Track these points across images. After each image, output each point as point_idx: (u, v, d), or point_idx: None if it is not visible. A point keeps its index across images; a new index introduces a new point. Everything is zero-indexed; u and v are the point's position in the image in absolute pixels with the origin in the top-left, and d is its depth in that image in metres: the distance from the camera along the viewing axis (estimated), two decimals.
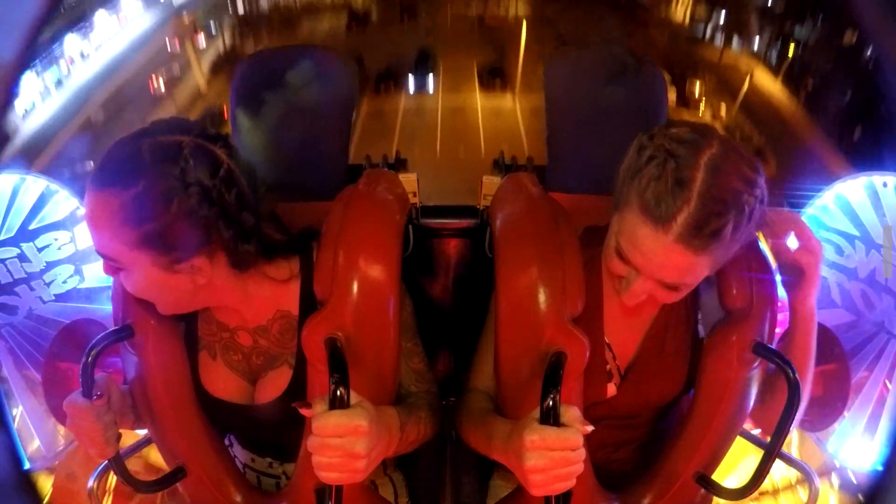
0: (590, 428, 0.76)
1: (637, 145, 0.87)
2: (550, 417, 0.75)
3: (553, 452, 0.74)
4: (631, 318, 1.02)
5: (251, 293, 0.94)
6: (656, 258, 0.83)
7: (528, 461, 0.74)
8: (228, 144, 0.86)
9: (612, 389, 1.02)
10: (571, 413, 0.76)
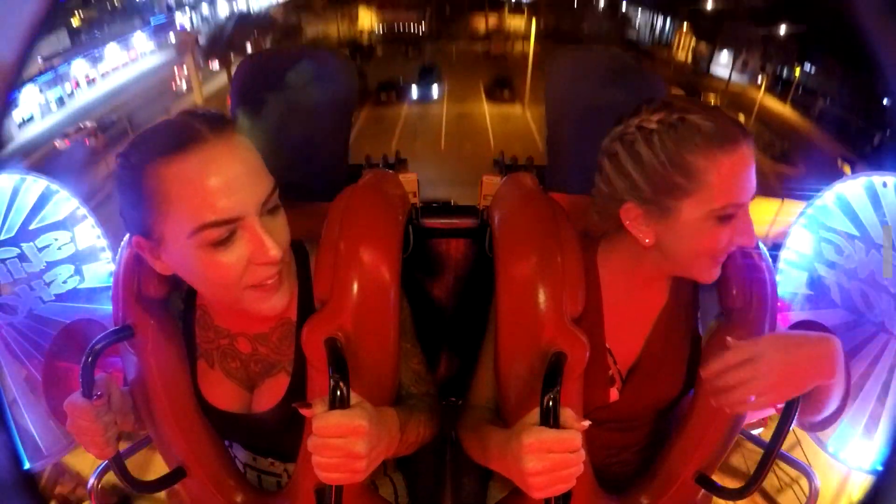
0: (586, 423, 0.76)
1: (631, 157, 0.88)
2: (550, 417, 0.75)
3: (552, 454, 0.74)
4: (631, 323, 1.02)
5: None
6: (747, 170, 0.85)
7: (527, 464, 0.74)
8: None
9: (614, 394, 1.02)
10: (566, 413, 0.76)
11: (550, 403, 0.75)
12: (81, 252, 1.75)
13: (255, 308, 0.85)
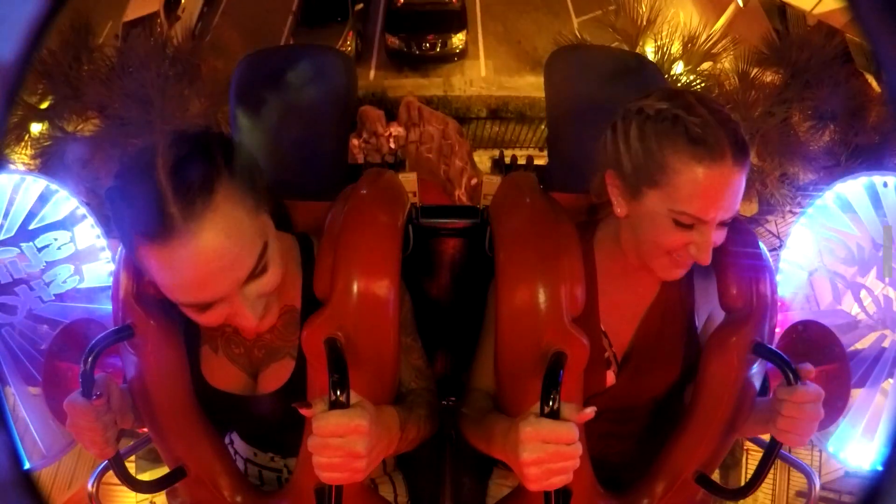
0: (589, 411, 0.76)
1: (623, 132, 0.90)
2: (551, 418, 0.75)
3: (548, 445, 0.74)
4: (626, 306, 1.03)
5: None
6: (721, 191, 0.85)
7: (523, 454, 0.75)
8: None
9: (610, 377, 1.02)
10: (568, 407, 0.76)
11: (551, 404, 0.75)
12: (81, 252, 1.75)
13: (238, 326, 0.88)
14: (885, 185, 1.69)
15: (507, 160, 1.36)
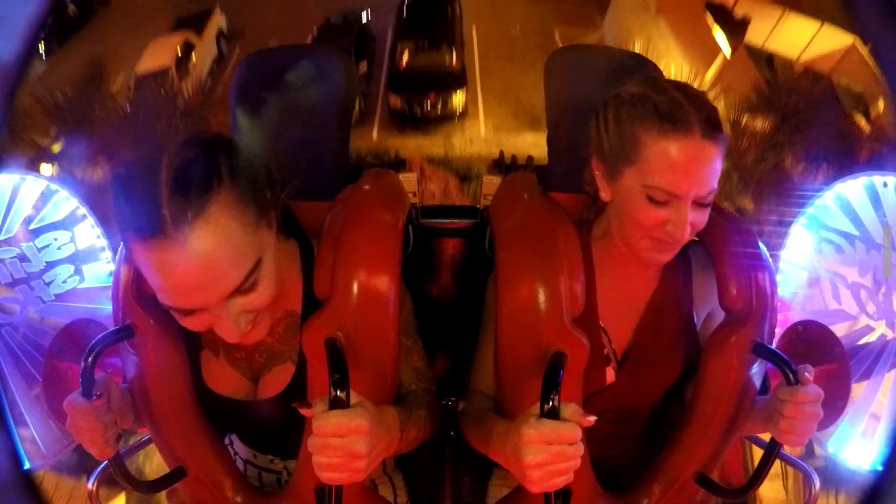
0: (592, 418, 0.76)
1: (603, 117, 0.94)
2: (551, 418, 0.75)
3: (550, 447, 0.74)
4: (624, 302, 1.03)
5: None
6: (692, 165, 0.86)
7: (525, 456, 0.75)
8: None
9: (610, 375, 1.02)
10: (570, 408, 0.76)
11: (551, 404, 0.75)
12: (81, 252, 1.75)
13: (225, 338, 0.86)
14: (885, 185, 1.70)
15: (507, 160, 1.36)
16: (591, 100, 1.18)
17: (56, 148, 2.69)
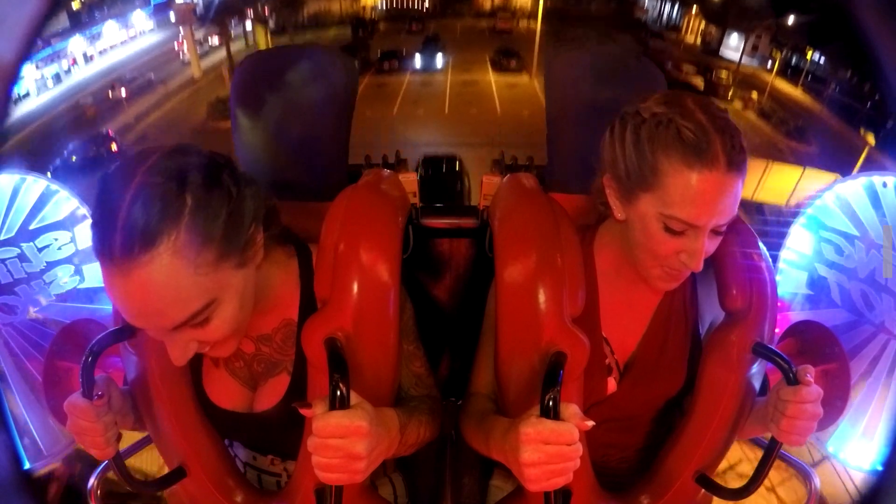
0: (590, 423, 0.76)
1: (620, 135, 0.90)
2: (550, 416, 0.75)
3: (548, 446, 0.74)
4: (628, 314, 1.03)
5: (263, 295, 0.92)
6: (715, 198, 0.83)
7: (523, 454, 0.75)
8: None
9: (612, 385, 1.02)
10: (571, 409, 0.76)
11: (551, 403, 0.75)
12: (81, 252, 1.75)
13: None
14: (885, 185, 1.69)
15: (508, 160, 1.36)
16: (591, 100, 1.18)
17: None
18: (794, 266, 1.87)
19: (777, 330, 1.00)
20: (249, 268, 0.82)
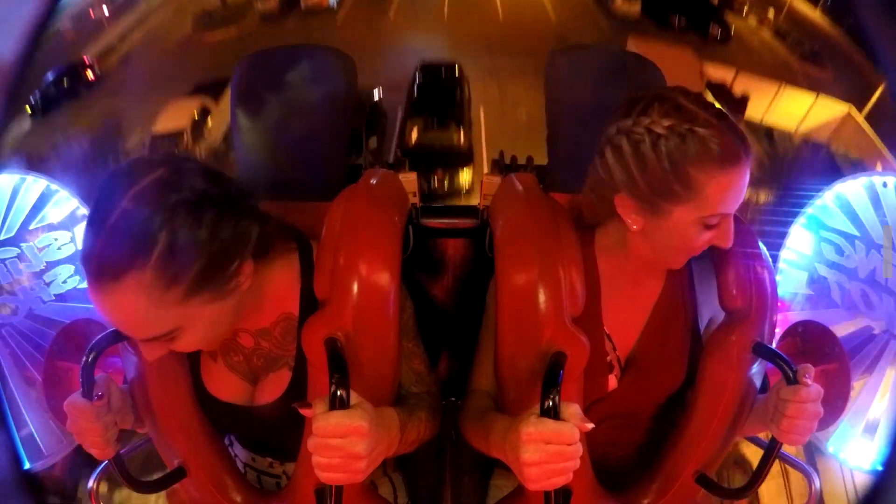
0: (590, 425, 0.76)
1: (632, 154, 0.89)
2: (550, 416, 0.75)
3: (549, 446, 0.74)
4: (629, 310, 1.03)
5: (261, 291, 0.93)
6: (741, 186, 0.89)
7: (523, 454, 0.75)
8: (186, 155, 0.85)
9: (612, 382, 1.02)
10: (571, 409, 0.76)
11: (551, 403, 0.75)
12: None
13: None
14: (885, 185, 1.69)
15: (507, 160, 1.36)
16: (591, 100, 1.18)
17: None
18: (794, 266, 1.87)
19: (777, 330, 1.00)
20: (230, 298, 0.84)
